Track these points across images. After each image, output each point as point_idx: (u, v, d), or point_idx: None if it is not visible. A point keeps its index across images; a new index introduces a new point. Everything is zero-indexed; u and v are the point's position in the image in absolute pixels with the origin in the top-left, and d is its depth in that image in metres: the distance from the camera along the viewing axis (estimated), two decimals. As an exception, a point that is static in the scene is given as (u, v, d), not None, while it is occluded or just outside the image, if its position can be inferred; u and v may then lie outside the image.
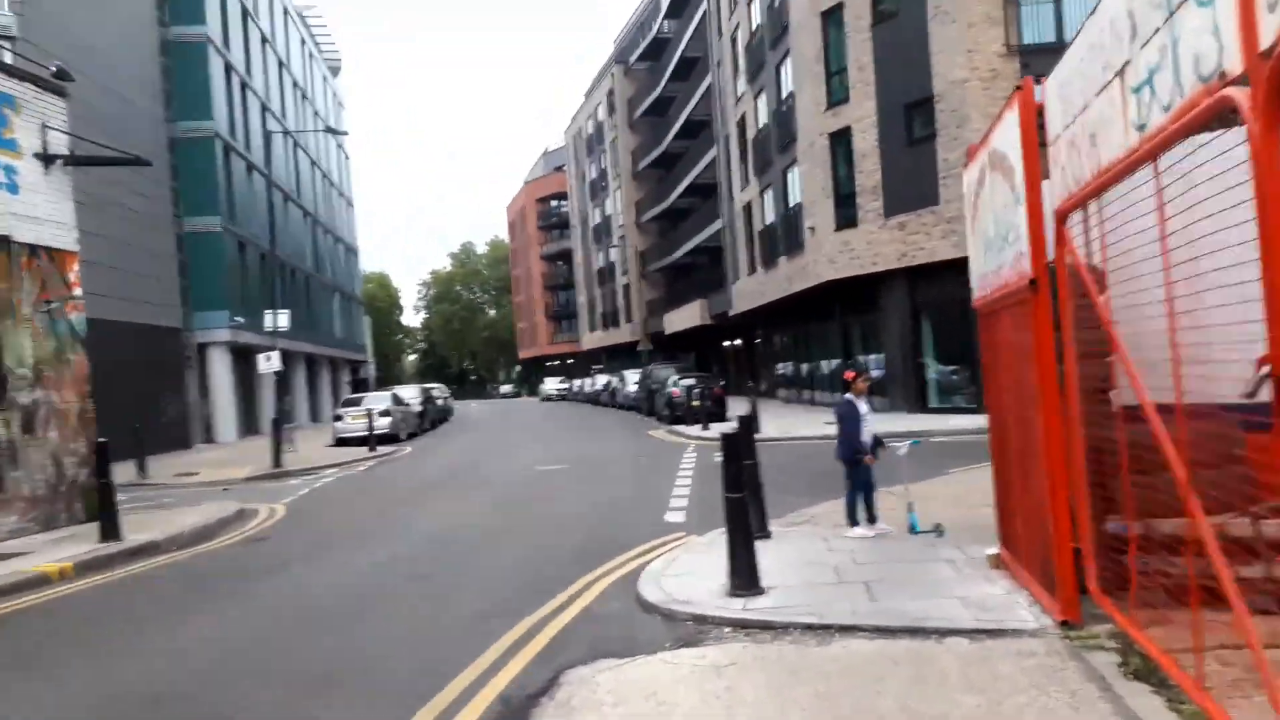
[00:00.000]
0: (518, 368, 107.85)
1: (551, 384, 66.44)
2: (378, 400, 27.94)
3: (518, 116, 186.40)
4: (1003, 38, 21.71)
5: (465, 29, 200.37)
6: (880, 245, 24.06)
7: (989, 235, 6.53)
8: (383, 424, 26.42)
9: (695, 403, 24.38)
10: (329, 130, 30.31)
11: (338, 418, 27.40)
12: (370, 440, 23.77)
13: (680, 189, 48.86)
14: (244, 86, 37.71)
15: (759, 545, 8.14)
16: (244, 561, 10.07)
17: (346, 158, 64.61)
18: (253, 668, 6.23)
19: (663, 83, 51.57)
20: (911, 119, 23.50)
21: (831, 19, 25.52)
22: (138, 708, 5.60)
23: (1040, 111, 5.37)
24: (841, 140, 25.29)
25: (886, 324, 25.03)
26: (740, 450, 7.00)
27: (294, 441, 25.18)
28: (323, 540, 11.10)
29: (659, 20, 53.55)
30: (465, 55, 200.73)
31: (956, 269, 23.26)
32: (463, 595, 7.87)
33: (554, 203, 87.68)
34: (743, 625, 6.13)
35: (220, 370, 33.12)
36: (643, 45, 56.55)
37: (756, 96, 32.66)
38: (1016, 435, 6.31)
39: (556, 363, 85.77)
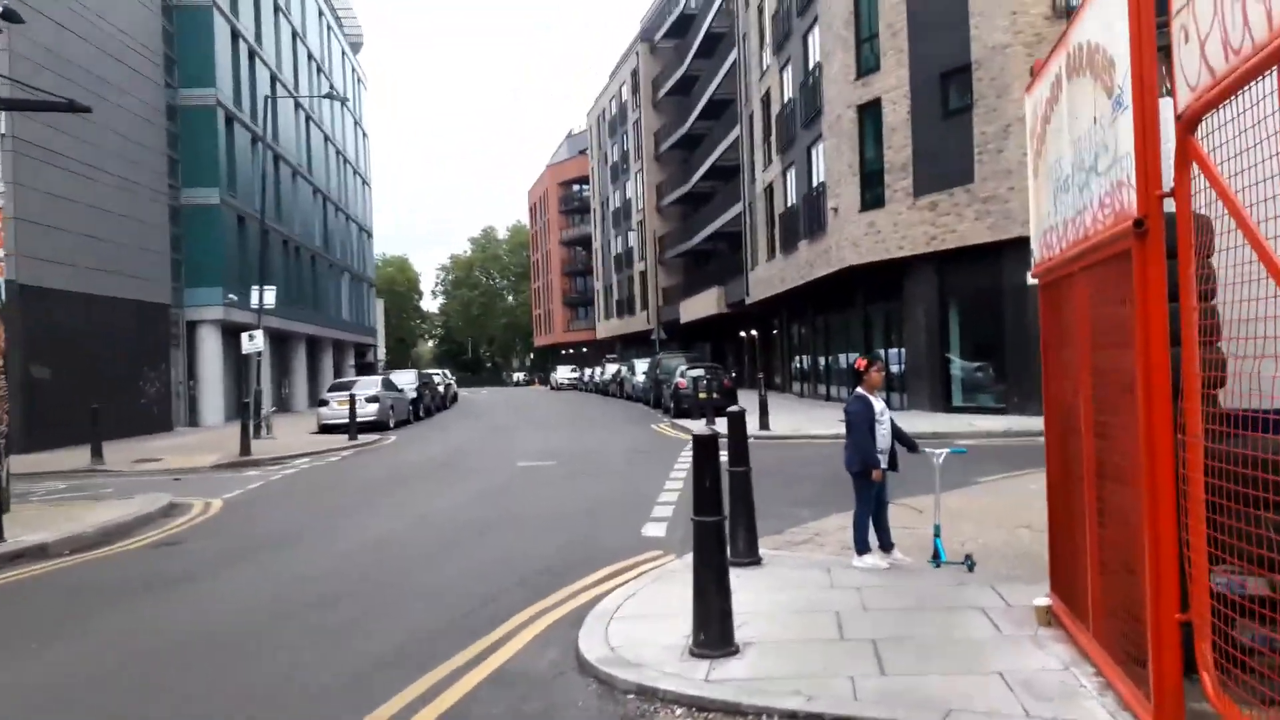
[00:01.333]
0: (531, 355, 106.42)
1: (563, 373, 64.85)
2: (366, 386, 26.37)
3: (547, 97, 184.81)
4: (1050, -1, 19.71)
5: (490, 5, 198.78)
6: (908, 227, 22.15)
7: (1062, 173, 4.74)
8: (369, 411, 24.84)
9: (702, 394, 22.62)
10: (329, 95, 28.54)
11: (323, 403, 25.84)
12: (351, 428, 22.18)
13: (701, 171, 47.02)
14: (252, 55, 36.20)
15: (744, 574, 6.46)
16: (134, 572, 8.46)
17: (364, 135, 63.11)
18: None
19: (688, 60, 49.66)
20: (947, 89, 21.56)
21: (862, -19, 23.62)
22: None
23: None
24: (870, 113, 23.36)
25: (911, 314, 23.13)
26: (715, 457, 5.24)
27: (271, 427, 23.67)
28: (242, 547, 9.47)
29: (684, -4, 51.59)
30: (491, 34, 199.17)
31: (989, 254, 21.43)
32: (368, 631, 6.21)
33: (576, 187, 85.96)
34: (701, 707, 4.39)
35: (210, 350, 31.70)
36: (669, 21, 54.60)
37: (782, 69, 30.74)
38: (1092, 447, 4.52)
39: (571, 351, 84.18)
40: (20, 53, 21.84)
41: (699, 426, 21.64)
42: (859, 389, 7.11)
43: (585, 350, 79.69)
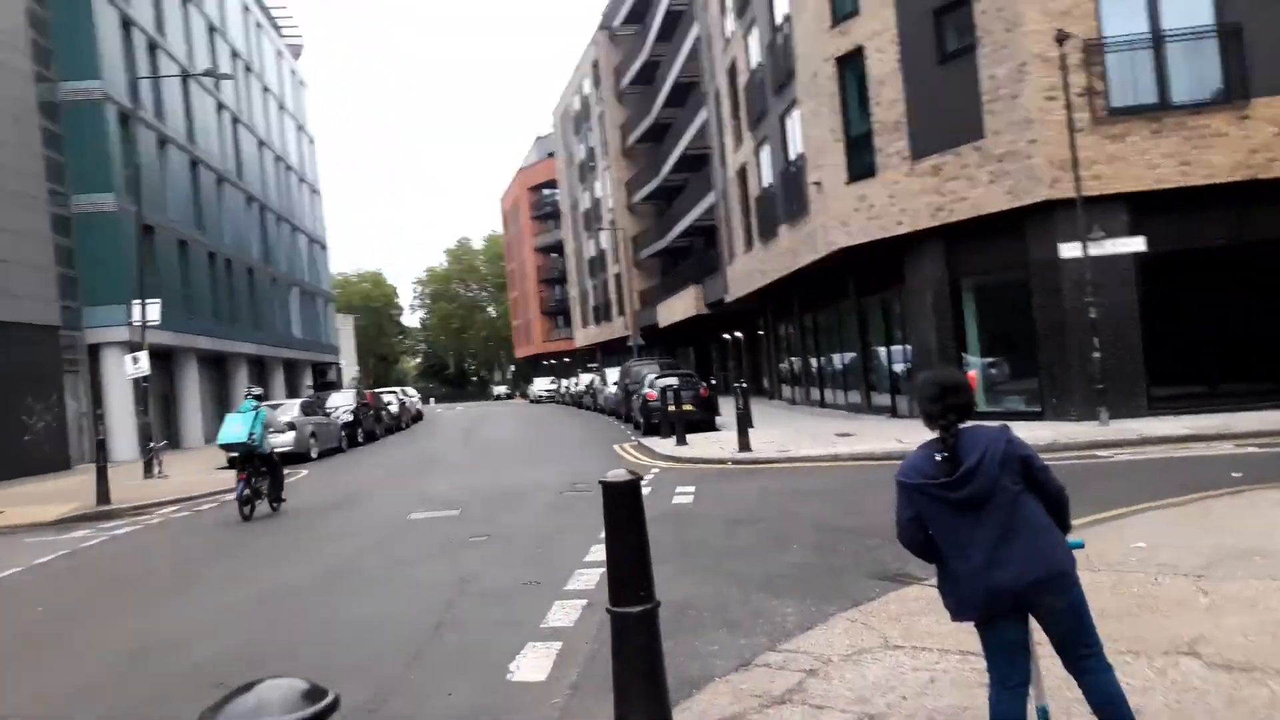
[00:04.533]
0: (512, 367, 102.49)
1: (540, 385, 60.94)
2: (283, 411, 22.48)
3: (518, 102, 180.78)
4: (1070, -95, 16.06)
5: (459, 9, 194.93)
6: (907, 198, 18.42)
7: None
8: (284, 440, 20.99)
9: (671, 407, 18.85)
10: (209, 74, 24.46)
11: (228, 434, 21.94)
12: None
13: (671, 162, 43.33)
14: (153, 47, 32.31)
15: None
16: None
17: (310, 141, 59.26)
18: None
19: (648, 45, 46.02)
20: (943, 28, 17.87)
21: (836, -90, 19.94)
22: None
23: None
24: (852, 65, 19.64)
25: (915, 302, 19.39)
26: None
27: (162, 464, 19.81)
28: None
29: (644, -25, 48.03)
30: (460, 36, 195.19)
31: (1009, 224, 17.21)
32: None
33: (546, 191, 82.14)
34: None
35: (116, 375, 27.71)
36: (626, 5, 51.01)
37: (747, 34, 27.04)
38: None
39: (553, 361, 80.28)
40: None
41: (695, 444, 17.99)
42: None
43: (568, 360, 75.84)
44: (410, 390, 50.09)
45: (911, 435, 15.75)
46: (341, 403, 27.66)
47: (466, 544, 9.37)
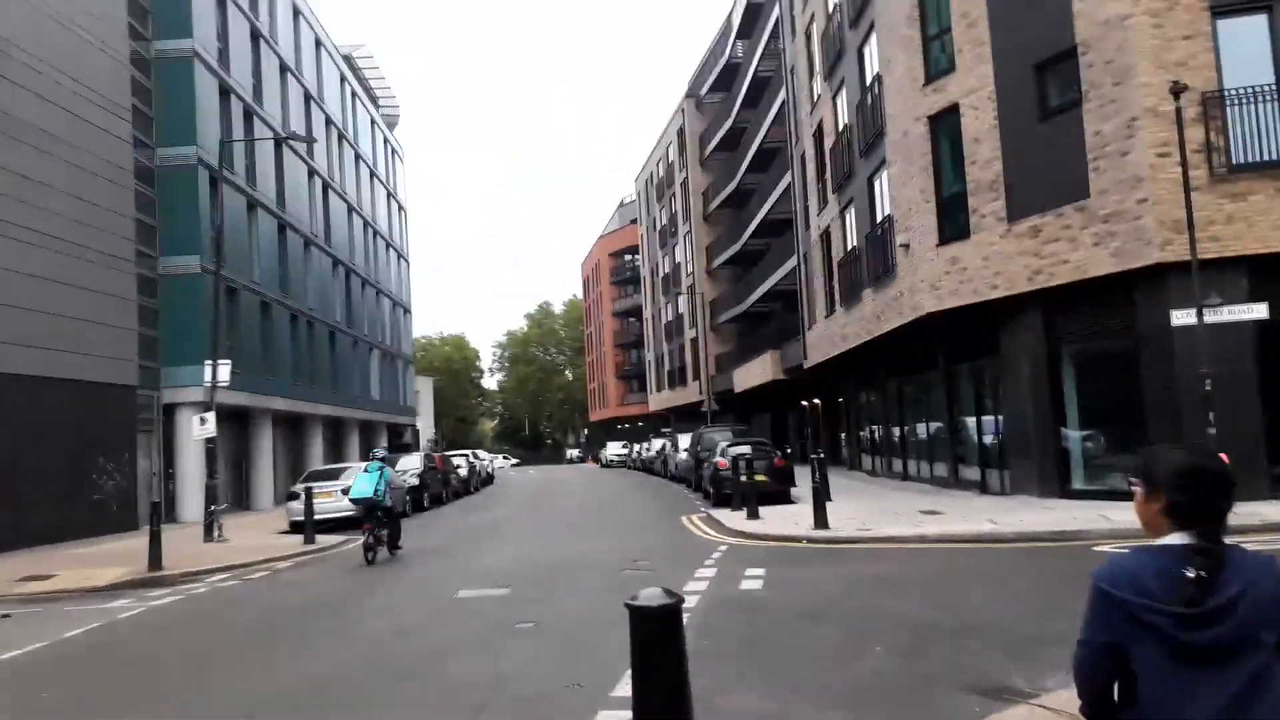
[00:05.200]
0: (585, 431, 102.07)
1: (612, 450, 60.06)
2: (344, 476, 22.11)
3: (605, 169, 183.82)
4: (1182, -49, 15.03)
5: (543, 78, 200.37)
6: (1002, 260, 17.25)
7: None
8: (346, 506, 20.49)
9: (743, 477, 17.75)
10: (293, 136, 25.06)
11: (291, 496, 21.64)
12: (307, 529, 17.86)
13: (752, 227, 42.78)
14: (249, 115, 33.30)
15: None
16: None
17: (401, 209, 60.63)
18: None
19: (734, 111, 45.92)
20: (1044, 83, 16.86)
21: (927, -34, 19.26)
22: None
23: None
24: (946, 123, 18.71)
25: (1010, 371, 18.05)
26: None
27: (222, 528, 19.49)
28: None
29: (729, 43, 48.11)
30: (547, 105, 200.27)
31: (1115, 289, 15.78)
32: None
33: (627, 256, 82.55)
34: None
35: (189, 435, 27.85)
36: (713, 74, 51.18)
37: (835, 95, 26.38)
38: None
39: (626, 425, 79.52)
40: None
41: (768, 518, 16.87)
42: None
43: (641, 424, 75.02)
44: (482, 453, 49.75)
45: (1005, 515, 14.37)
46: (408, 466, 27.22)
47: (511, 631, 8.46)
